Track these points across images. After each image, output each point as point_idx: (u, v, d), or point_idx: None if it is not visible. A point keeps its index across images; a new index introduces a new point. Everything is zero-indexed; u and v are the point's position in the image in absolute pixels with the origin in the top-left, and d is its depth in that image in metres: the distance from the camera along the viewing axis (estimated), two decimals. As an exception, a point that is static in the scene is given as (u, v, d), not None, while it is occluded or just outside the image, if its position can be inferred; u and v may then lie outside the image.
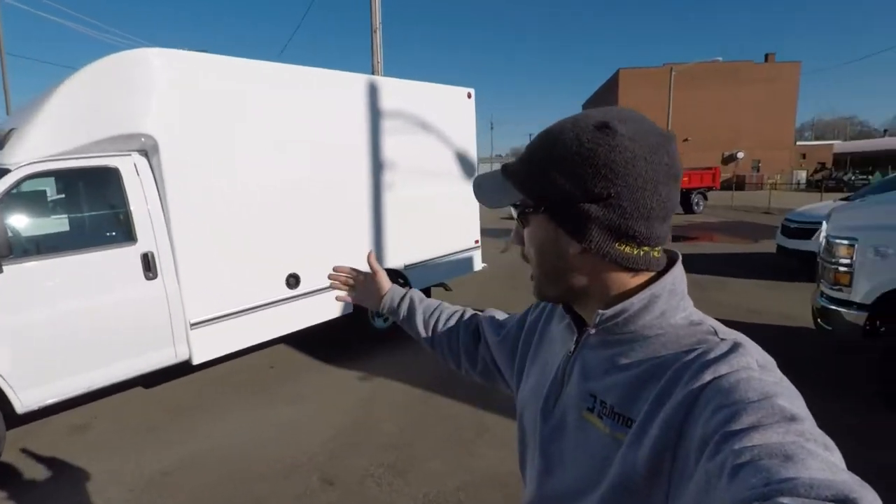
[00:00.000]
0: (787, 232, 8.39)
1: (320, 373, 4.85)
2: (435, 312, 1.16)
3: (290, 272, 4.56)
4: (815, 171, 40.67)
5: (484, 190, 0.78)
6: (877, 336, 3.78)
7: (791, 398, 0.52)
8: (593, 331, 0.70)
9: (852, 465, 0.44)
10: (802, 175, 39.29)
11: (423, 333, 1.15)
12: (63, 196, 4.13)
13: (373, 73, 8.87)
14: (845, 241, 3.89)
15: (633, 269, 0.67)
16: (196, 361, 4.02)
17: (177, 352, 3.94)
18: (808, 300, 6.28)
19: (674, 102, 29.45)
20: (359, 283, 1.26)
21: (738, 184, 34.13)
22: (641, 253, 0.66)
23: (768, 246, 10.71)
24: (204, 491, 3.08)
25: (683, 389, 0.57)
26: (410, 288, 1.24)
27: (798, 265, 8.26)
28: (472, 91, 6.38)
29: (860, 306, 3.79)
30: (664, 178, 0.63)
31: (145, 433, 3.82)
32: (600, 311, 0.67)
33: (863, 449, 3.13)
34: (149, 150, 3.78)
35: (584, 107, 59.29)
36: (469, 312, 1.16)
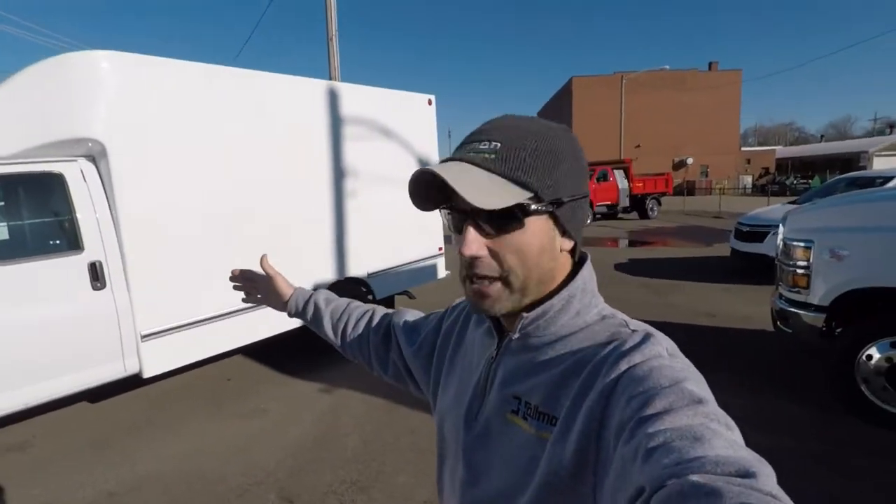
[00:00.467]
0: (740, 235, 8.70)
1: (280, 385, 4.72)
2: (343, 315, 1.14)
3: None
4: (760, 176, 42.78)
5: (475, 188, 0.61)
6: (833, 338, 3.82)
7: (698, 382, 0.56)
8: (516, 335, 0.70)
9: (817, 467, 0.45)
10: (748, 180, 41.20)
11: (332, 337, 1.14)
12: (1, 203, 3.86)
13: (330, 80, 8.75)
14: (801, 244, 3.93)
15: (577, 265, 0.73)
16: (147, 375, 3.83)
17: (126, 365, 3.74)
18: (763, 302, 6.47)
19: (625, 109, 30.37)
20: (260, 285, 1.25)
21: (688, 189, 35.43)
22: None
23: (721, 250, 11.15)
24: (156, 514, 2.94)
25: (602, 381, 0.59)
26: (316, 290, 1.22)
27: (752, 268, 8.56)
28: (433, 98, 6.38)
29: (818, 308, 3.82)
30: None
31: (91, 452, 3.62)
32: (523, 315, 0.68)
33: (831, 448, 3.26)
34: (96, 156, 3.58)
35: (540, 114, 60.34)
36: (379, 313, 1.13)
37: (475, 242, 0.65)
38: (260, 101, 4.45)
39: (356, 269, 5.39)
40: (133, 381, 4.02)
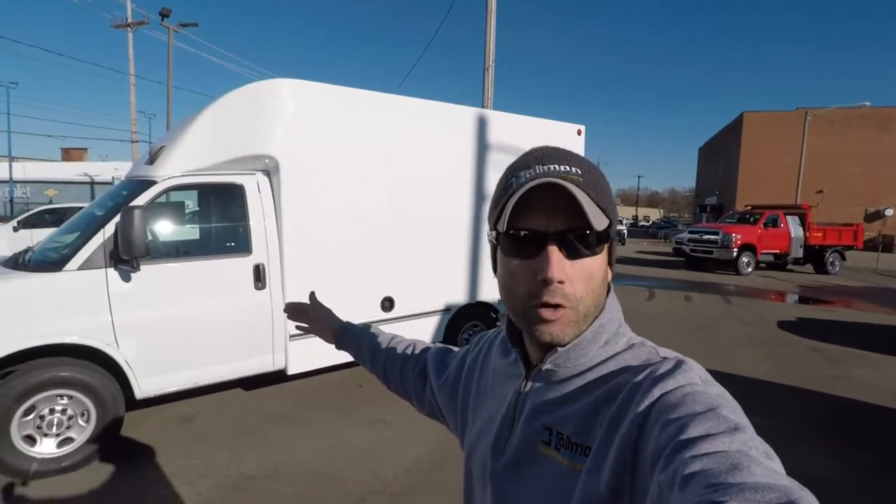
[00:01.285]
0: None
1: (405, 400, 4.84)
2: (386, 351, 1.15)
3: (385, 295, 4.65)
4: None
5: (588, 207, 0.63)
6: None
7: (734, 409, 0.54)
8: (547, 366, 0.69)
9: None
10: (970, 239, 33.69)
11: (375, 372, 1.17)
12: (196, 208, 4.59)
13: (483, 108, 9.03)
14: None
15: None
16: (291, 371, 4.20)
17: (275, 360, 4.15)
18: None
19: (806, 150, 26.87)
20: (309, 318, 1.32)
21: (885, 245, 30.06)
22: None
23: (923, 319, 9.21)
24: (279, 503, 3.15)
25: (635, 408, 0.58)
26: (364, 326, 1.25)
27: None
28: (583, 128, 6.25)
29: None
30: None
31: (239, 434, 4.03)
32: (557, 347, 0.67)
33: None
34: (270, 171, 4.09)
35: (702, 150, 56.06)
36: (419, 349, 1.13)
37: (561, 265, 0.63)
38: (417, 125, 4.75)
39: (488, 294, 5.40)
40: (278, 377, 4.43)
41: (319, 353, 4.32)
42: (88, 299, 3.39)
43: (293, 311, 1.35)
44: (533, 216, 0.64)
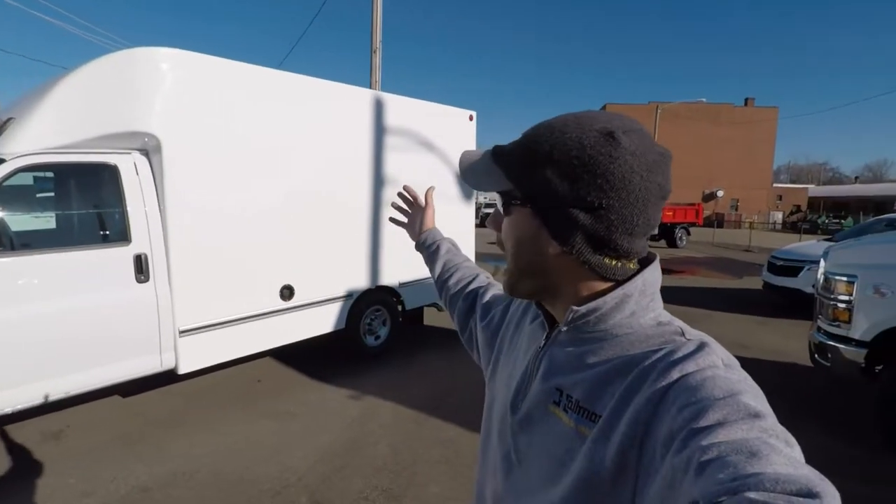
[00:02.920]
0: (774, 269, 8.58)
1: (309, 389, 4.69)
2: (452, 269, 1.21)
3: (284, 283, 4.43)
4: (792, 213, 41.89)
5: (473, 172, 0.76)
6: (874, 374, 3.79)
7: (755, 396, 0.53)
8: (564, 328, 0.70)
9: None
10: (779, 216, 40.43)
11: (436, 282, 1.24)
12: (57, 191, 3.98)
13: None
14: (845, 278, 3.92)
15: (608, 279, 0.67)
16: (182, 371, 3.85)
17: (162, 360, 3.77)
18: (796, 337, 6.37)
19: (658, 138, 30.13)
20: (414, 210, 1.36)
21: (718, 221, 34.99)
22: (619, 265, 0.67)
23: (752, 283, 10.90)
24: (186, 510, 2.90)
25: (651, 387, 0.57)
26: (445, 238, 1.29)
27: (784, 302, 8.43)
28: (474, 114, 6.41)
29: (859, 343, 3.80)
30: (655, 197, 0.64)
31: (121, 445, 3.62)
32: (573, 308, 0.67)
33: (877, 487, 3.13)
34: (150, 150, 3.67)
35: (571, 138, 60.32)
36: (480, 280, 1.17)
37: (493, 219, 0.76)
38: (309, 105, 4.53)
39: (389, 278, 5.39)
40: (165, 378, 4.04)
41: (214, 349, 4.01)
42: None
43: (411, 197, 1.37)
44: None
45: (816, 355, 4.20)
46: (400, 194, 1.37)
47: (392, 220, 1.41)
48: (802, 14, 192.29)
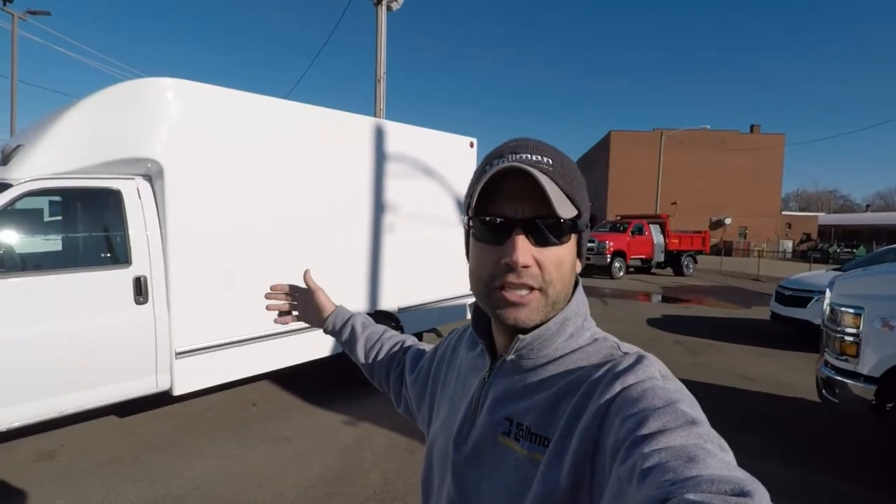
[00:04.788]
0: (782, 299, 8.43)
1: (304, 414, 4.68)
2: (376, 344, 1.13)
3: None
4: (802, 242, 41.58)
5: (554, 195, 0.63)
6: (885, 412, 3.59)
7: (691, 404, 0.56)
8: (511, 356, 0.70)
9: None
10: (789, 244, 40.07)
11: (362, 362, 1.14)
12: (61, 215, 4.08)
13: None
14: (851, 310, 3.75)
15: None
16: (177, 392, 3.87)
17: (158, 381, 3.79)
18: (805, 370, 6.21)
19: (663, 166, 30.25)
20: (299, 301, 1.23)
21: (726, 249, 34.71)
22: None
23: (760, 312, 10.76)
24: (173, 535, 2.89)
25: (596, 402, 0.59)
26: (355, 314, 1.20)
27: (793, 334, 8.29)
28: (475, 140, 6.51)
29: (868, 379, 3.62)
30: None
31: (115, 466, 3.62)
32: (520, 337, 0.68)
33: None
34: (153, 176, 3.76)
35: (578, 164, 60.60)
36: (407, 344, 1.13)
37: (526, 251, 0.64)
38: (311, 133, 4.63)
39: (388, 303, 5.41)
40: (161, 399, 4.06)
41: (210, 371, 4.03)
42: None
43: (285, 293, 1.24)
44: (502, 203, 0.65)
45: (824, 391, 4.02)
46: (268, 295, 1.22)
47: (279, 320, 1.24)
48: (808, 38, 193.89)
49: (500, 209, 0.66)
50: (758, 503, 0.40)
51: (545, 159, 0.67)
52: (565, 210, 0.64)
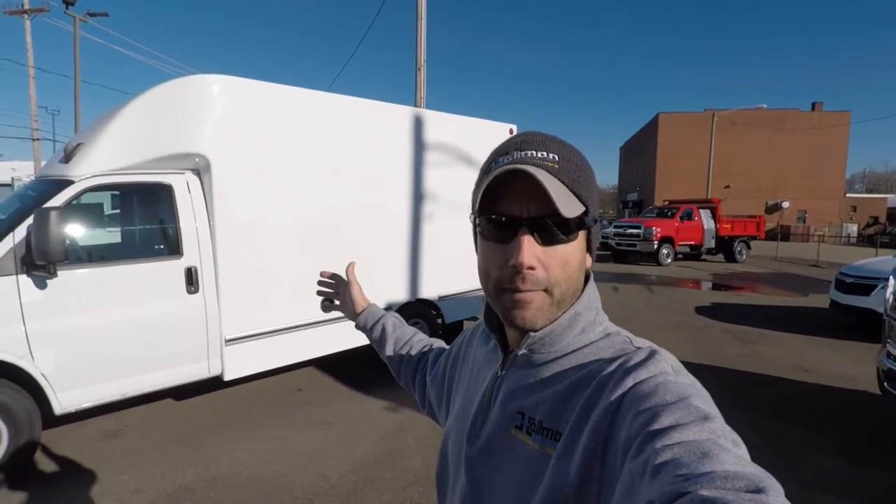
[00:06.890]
0: (843, 287, 7.96)
1: (348, 400, 4.81)
2: (405, 346, 1.15)
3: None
4: (868, 225, 39.14)
5: (558, 194, 0.61)
6: None
7: (704, 399, 0.56)
8: (522, 351, 0.71)
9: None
10: (853, 228, 37.83)
11: (390, 362, 1.17)
12: (119, 209, 4.32)
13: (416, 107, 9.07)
14: None
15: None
16: (227, 377, 4.06)
17: (210, 366, 3.99)
18: (868, 361, 5.87)
19: (715, 148, 28.99)
20: (339, 288, 1.28)
21: (783, 234, 33.05)
22: None
23: (819, 301, 10.26)
24: (225, 512, 3.05)
25: (608, 397, 0.59)
26: (387, 312, 1.23)
27: (854, 322, 7.88)
28: (515, 127, 6.43)
29: None
30: None
31: (172, 446, 3.84)
32: (531, 333, 0.68)
33: None
34: (201, 170, 3.92)
35: (623, 149, 59.08)
36: (435, 348, 1.13)
37: (531, 251, 0.63)
38: (352, 124, 4.70)
39: (428, 291, 5.46)
40: (213, 384, 4.27)
41: (258, 358, 4.20)
42: (-3, 309, 3.12)
43: (331, 281, 1.30)
44: (508, 201, 0.65)
45: (886, 383, 3.87)
46: (320, 281, 1.31)
47: (324, 306, 1.32)
48: (875, 6, 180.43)
49: (506, 208, 0.65)
50: (773, 499, 0.40)
51: (551, 155, 0.66)
52: (571, 209, 0.63)
